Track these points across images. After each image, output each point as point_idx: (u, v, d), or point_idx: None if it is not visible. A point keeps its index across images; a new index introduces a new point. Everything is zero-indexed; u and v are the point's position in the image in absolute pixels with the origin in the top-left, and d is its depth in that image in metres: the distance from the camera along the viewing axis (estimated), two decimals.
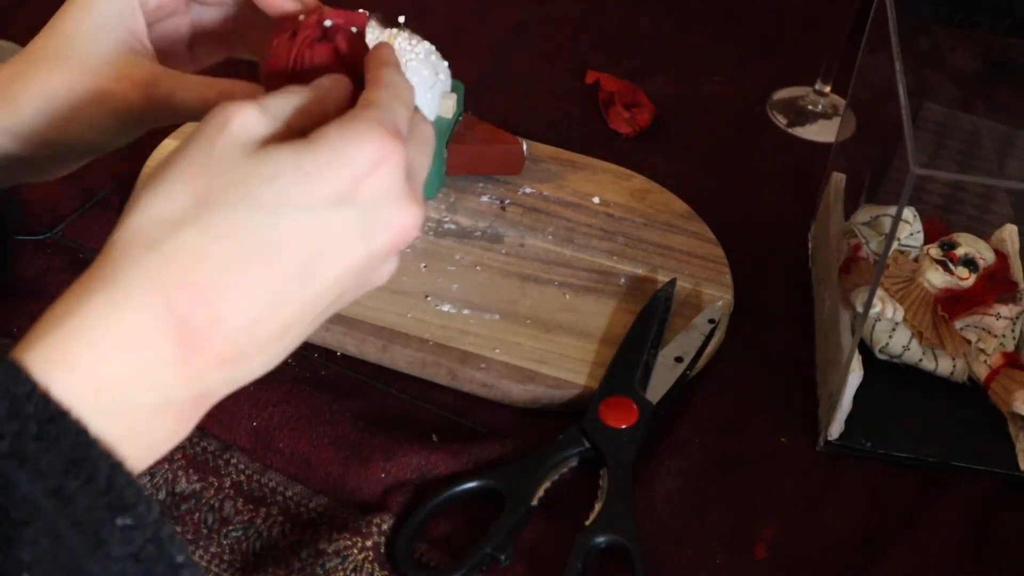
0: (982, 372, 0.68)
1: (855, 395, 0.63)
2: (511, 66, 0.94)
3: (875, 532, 0.62)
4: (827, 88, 0.92)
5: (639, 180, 0.80)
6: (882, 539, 0.61)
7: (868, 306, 0.63)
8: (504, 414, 0.65)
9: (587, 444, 0.61)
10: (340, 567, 0.56)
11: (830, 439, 0.65)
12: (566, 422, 0.62)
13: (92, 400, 0.35)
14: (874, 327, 0.68)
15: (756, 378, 0.69)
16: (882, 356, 0.69)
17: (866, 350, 0.69)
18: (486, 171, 0.77)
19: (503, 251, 0.73)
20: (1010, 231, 0.73)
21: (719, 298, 0.70)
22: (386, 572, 0.56)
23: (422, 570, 0.56)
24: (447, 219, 0.74)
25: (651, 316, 0.67)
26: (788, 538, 0.61)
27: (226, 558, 0.56)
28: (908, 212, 0.72)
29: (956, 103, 0.85)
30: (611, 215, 0.77)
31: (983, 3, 0.90)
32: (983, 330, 0.69)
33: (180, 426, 0.39)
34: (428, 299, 0.68)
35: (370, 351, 0.66)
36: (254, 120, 0.40)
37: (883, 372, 0.68)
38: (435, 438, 0.63)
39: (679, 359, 0.66)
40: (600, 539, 0.57)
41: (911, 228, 0.72)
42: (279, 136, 0.40)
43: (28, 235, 0.70)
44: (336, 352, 0.66)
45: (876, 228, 0.72)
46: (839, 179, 0.76)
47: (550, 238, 0.74)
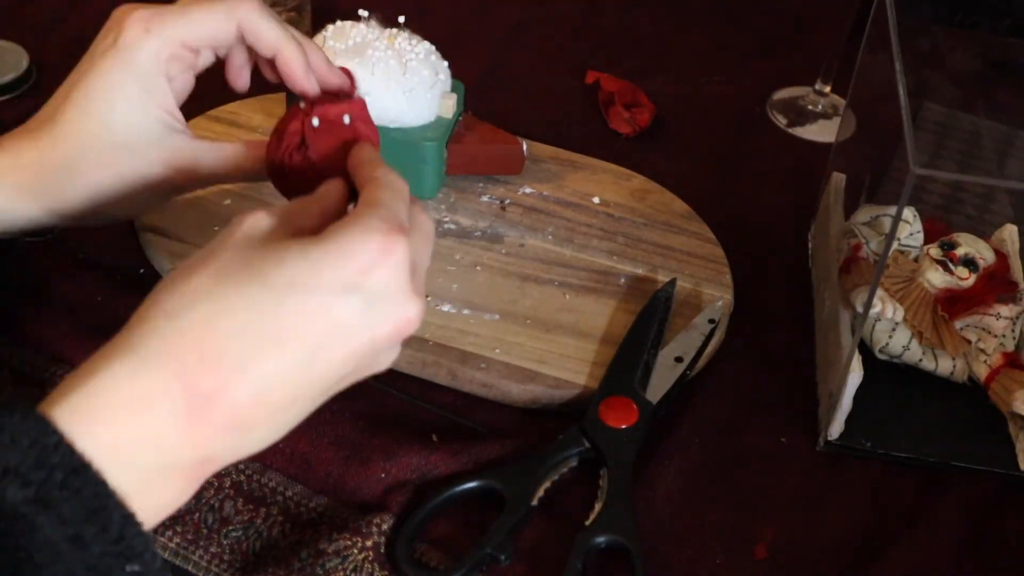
0: (982, 372, 0.68)
1: (855, 395, 0.63)
2: (511, 66, 0.94)
3: (875, 532, 0.62)
4: (827, 88, 0.92)
5: (639, 180, 0.80)
6: (882, 539, 0.61)
7: (868, 306, 0.63)
8: (504, 414, 0.65)
9: (587, 444, 0.61)
10: (340, 567, 0.56)
11: (830, 439, 0.65)
12: (566, 422, 0.62)
13: (109, 456, 0.38)
14: (874, 327, 0.68)
15: (756, 378, 0.69)
16: (882, 356, 0.69)
17: (866, 350, 0.69)
18: (486, 171, 0.77)
19: (503, 251, 0.73)
20: (1010, 231, 0.73)
21: (719, 298, 0.70)
22: (386, 572, 0.56)
23: (422, 570, 0.56)
24: (447, 219, 0.74)
25: (651, 316, 0.67)
26: (788, 538, 0.61)
27: (226, 558, 0.57)
28: (908, 212, 0.72)
29: (956, 103, 0.85)
30: (611, 215, 0.77)
31: (983, 3, 0.90)
32: (983, 330, 0.69)
33: (185, 488, 0.42)
34: (428, 299, 0.68)
35: None
36: (264, 218, 0.44)
37: (883, 372, 0.68)
38: (435, 438, 0.63)
39: (679, 359, 0.66)
40: (600, 539, 0.57)
41: (911, 228, 0.72)
42: (289, 235, 0.44)
43: (29, 237, 0.70)
44: None
45: (876, 228, 0.72)
46: (839, 179, 0.76)
47: (550, 238, 0.74)
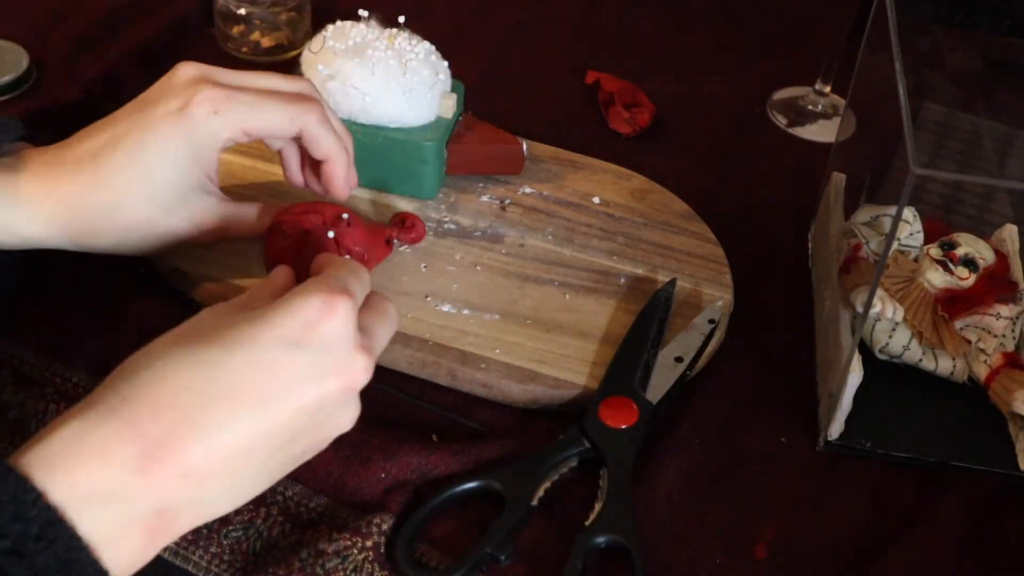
0: (982, 372, 0.68)
1: (855, 395, 0.63)
2: (511, 66, 0.94)
3: (875, 532, 0.62)
4: (827, 88, 0.92)
5: (639, 180, 0.80)
6: (882, 539, 0.61)
7: (868, 306, 0.63)
8: (504, 414, 0.65)
9: (587, 444, 0.61)
10: (340, 567, 0.56)
11: (830, 439, 0.65)
12: (566, 422, 0.62)
13: (66, 502, 0.41)
14: (874, 327, 0.68)
15: (756, 378, 0.69)
16: (882, 356, 0.69)
17: (866, 350, 0.69)
18: (486, 171, 0.77)
19: (503, 251, 0.73)
20: (1010, 231, 0.73)
21: (719, 298, 0.70)
22: (386, 572, 0.56)
23: (422, 570, 0.56)
24: (447, 219, 0.74)
25: (651, 316, 0.67)
26: (788, 538, 0.61)
27: (226, 558, 0.56)
28: (908, 212, 0.72)
29: (956, 103, 0.85)
30: (611, 215, 0.77)
31: (983, 3, 0.90)
32: (983, 330, 0.69)
33: (146, 545, 0.43)
34: (428, 299, 0.68)
35: None
36: (223, 304, 0.49)
37: (883, 372, 0.68)
38: (435, 438, 0.63)
39: (679, 359, 0.66)
40: (600, 539, 0.57)
41: (911, 228, 0.72)
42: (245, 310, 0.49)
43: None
44: None
45: (876, 228, 0.72)
46: (839, 179, 0.76)
47: (550, 238, 0.74)
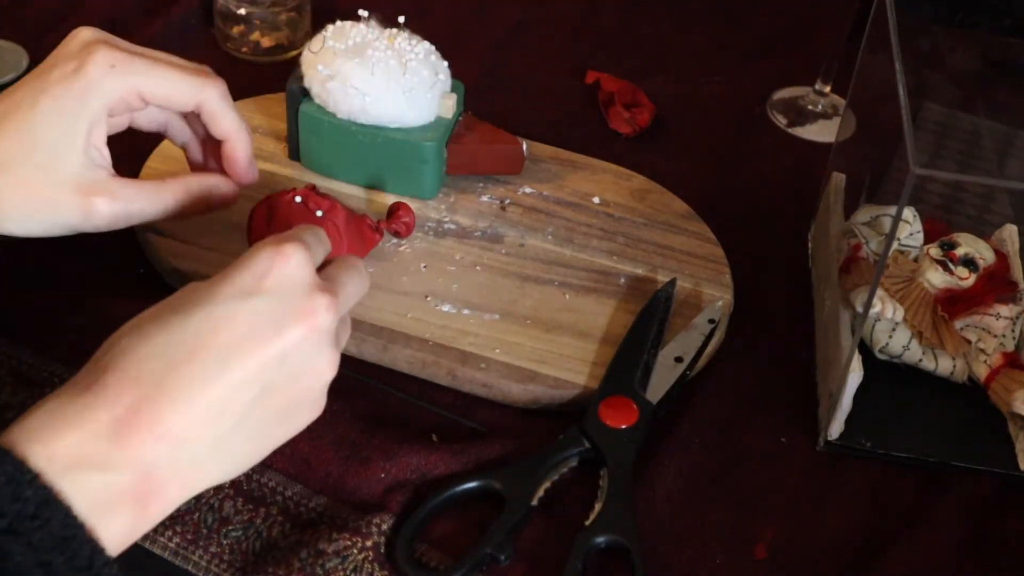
0: (982, 372, 0.68)
1: (855, 395, 0.63)
2: (511, 66, 0.94)
3: (875, 532, 0.62)
4: (827, 88, 0.92)
5: (639, 180, 0.80)
6: (882, 539, 0.61)
7: (868, 306, 0.63)
8: (504, 414, 0.65)
9: (587, 444, 0.61)
10: (340, 567, 0.56)
11: (830, 439, 0.65)
12: (566, 422, 0.62)
13: (52, 477, 0.41)
14: (874, 327, 0.68)
15: (756, 378, 0.69)
16: (882, 356, 0.69)
17: (866, 350, 0.69)
18: (486, 171, 0.77)
19: (503, 251, 0.73)
20: (1010, 231, 0.73)
21: (719, 298, 0.70)
22: (386, 572, 0.56)
23: (422, 570, 0.56)
24: (447, 219, 0.74)
25: (651, 316, 0.67)
26: (788, 538, 0.61)
27: (226, 558, 0.56)
28: (908, 212, 0.72)
29: (956, 103, 0.85)
30: (611, 215, 0.77)
31: (983, 3, 0.90)
32: (983, 330, 0.69)
33: (137, 516, 0.44)
34: (428, 299, 0.68)
35: (370, 351, 0.66)
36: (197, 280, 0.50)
37: (883, 372, 0.68)
38: (435, 438, 0.63)
39: (679, 359, 0.65)
40: (600, 539, 0.57)
41: (911, 228, 0.72)
42: None
43: None
44: None
45: (876, 228, 0.72)
46: (839, 179, 0.76)
47: (550, 238, 0.74)
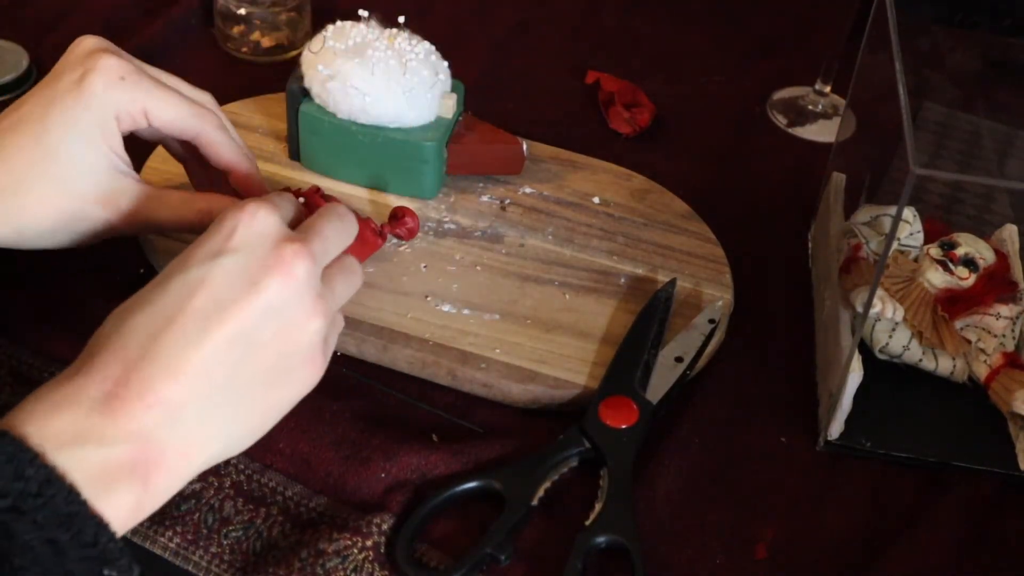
0: (982, 372, 0.68)
1: (855, 395, 0.63)
2: (511, 66, 0.94)
3: (875, 532, 0.62)
4: (827, 88, 0.92)
5: (639, 180, 0.80)
6: (882, 539, 0.61)
7: (868, 306, 0.63)
8: (504, 414, 0.65)
9: (587, 444, 0.61)
10: (340, 567, 0.56)
11: (830, 439, 0.65)
12: (566, 422, 0.62)
13: (48, 452, 0.42)
14: (874, 327, 0.68)
15: (756, 378, 0.69)
16: (882, 356, 0.69)
17: (866, 350, 0.69)
18: (486, 171, 0.77)
19: (503, 251, 0.73)
20: (1010, 231, 0.73)
21: (719, 298, 0.70)
22: (386, 572, 0.56)
23: (422, 570, 0.56)
24: (447, 219, 0.74)
25: (651, 316, 0.67)
26: (788, 538, 0.61)
27: (226, 558, 0.57)
28: (908, 212, 0.72)
29: (956, 103, 0.85)
30: (611, 215, 0.77)
31: (983, 3, 0.89)
32: (983, 330, 0.69)
33: (141, 492, 0.44)
34: (428, 299, 0.68)
35: (370, 351, 0.66)
36: None
37: (883, 372, 0.68)
38: (435, 438, 0.63)
39: (679, 359, 0.65)
40: (600, 539, 0.57)
41: (911, 228, 0.72)
42: None
43: None
44: (336, 352, 0.66)
45: (876, 228, 0.72)
46: (839, 179, 0.76)
47: (550, 238, 0.74)
